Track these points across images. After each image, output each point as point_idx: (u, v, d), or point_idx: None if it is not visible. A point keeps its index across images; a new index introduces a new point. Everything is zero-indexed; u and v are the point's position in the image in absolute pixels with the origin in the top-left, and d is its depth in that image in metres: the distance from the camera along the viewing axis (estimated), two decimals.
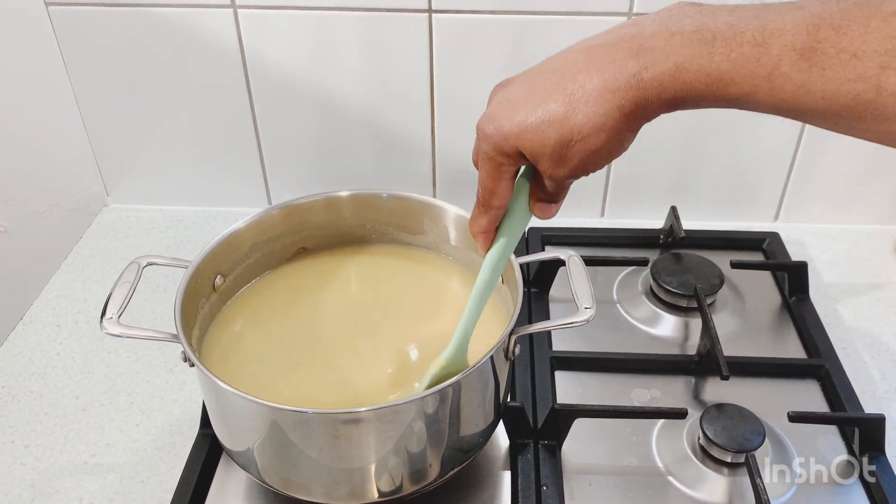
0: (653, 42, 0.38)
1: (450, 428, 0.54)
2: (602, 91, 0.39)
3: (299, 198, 0.67)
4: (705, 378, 0.72)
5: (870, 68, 0.33)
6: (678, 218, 0.86)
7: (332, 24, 0.82)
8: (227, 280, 0.64)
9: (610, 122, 0.39)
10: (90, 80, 0.88)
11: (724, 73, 0.36)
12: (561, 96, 0.40)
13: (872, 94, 0.33)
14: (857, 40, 0.33)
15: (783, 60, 0.35)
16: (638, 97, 0.38)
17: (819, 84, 0.34)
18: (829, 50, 0.34)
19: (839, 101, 0.34)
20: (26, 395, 0.72)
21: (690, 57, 0.37)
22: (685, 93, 0.38)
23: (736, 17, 0.37)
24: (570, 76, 0.40)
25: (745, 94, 0.36)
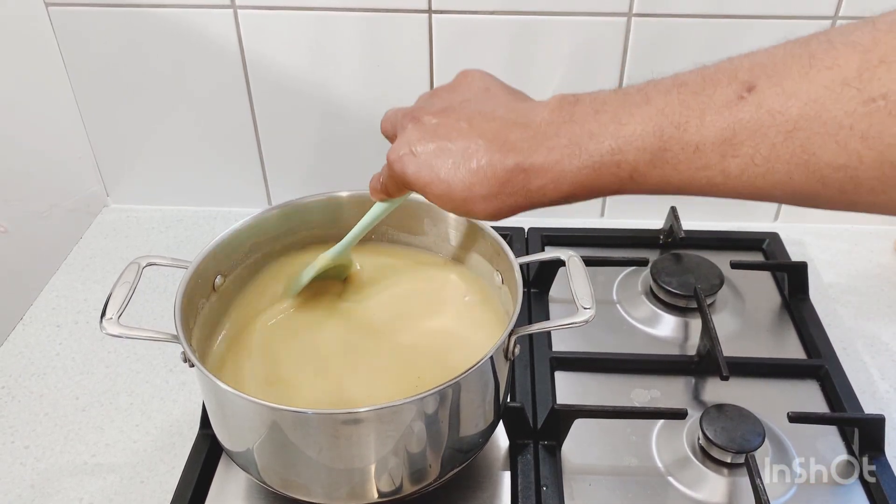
0: (535, 158, 0.43)
1: (450, 428, 0.54)
2: (497, 194, 0.44)
3: (299, 198, 0.67)
4: (705, 378, 0.72)
5: (712, 158, 0.37)
6: (678, 218, 0.86)
7: (332, 24, 0.82)
8: (227, 280, 0.64)
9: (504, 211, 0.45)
10: (90, 80, 0.88)
11: (594, 182, 0.41)
12: (461, 182, 0.45)
13: (720, 178, 0.37)
14: (696, 135, 0.37)
15: (639, 163, 0.39)
16: (527, 202, 0.44)
17: (675, 177, 0.39)
18: (674, 147, 0.38)
19: (696, 186, 0.38)
20: (26, 395, 0.72)
21: (565, 171, 0.42)
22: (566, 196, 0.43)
23: (600, 129, 0.41)
24: (471, 166, 0.45)
25: (617, 191, 0.42)
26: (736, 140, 0.36)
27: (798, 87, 0.34)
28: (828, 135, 0.33)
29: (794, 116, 0.34)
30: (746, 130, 0.35)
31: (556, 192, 0.43)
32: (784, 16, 0.80)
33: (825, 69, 0.33)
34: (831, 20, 0.80)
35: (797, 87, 0.34)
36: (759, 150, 0.35)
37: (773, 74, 0.35)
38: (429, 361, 0.60)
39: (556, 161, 0.42)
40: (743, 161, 0.36)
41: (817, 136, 0.33)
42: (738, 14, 0.80)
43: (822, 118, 0.33)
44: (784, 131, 0.34)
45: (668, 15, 0.80)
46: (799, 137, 0.34)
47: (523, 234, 0.89)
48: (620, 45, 0.82)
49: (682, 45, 0.82)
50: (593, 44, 0.82)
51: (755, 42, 0.84)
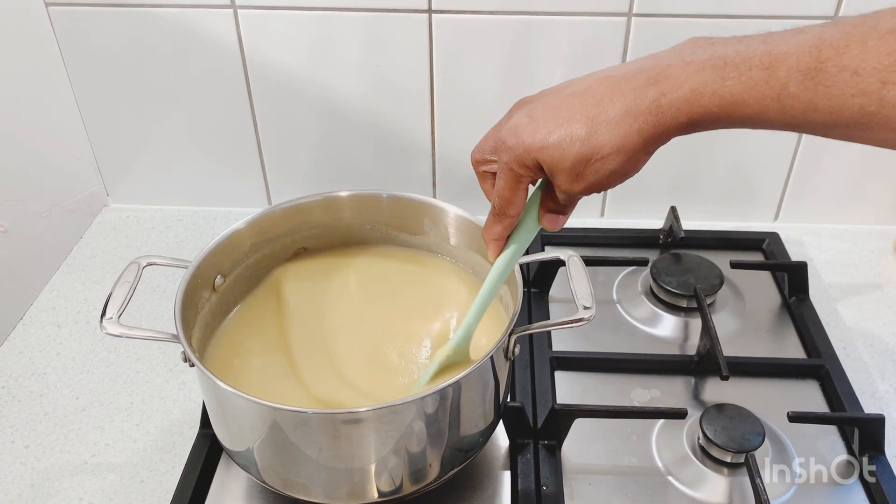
0: (669, 71, 0.41)
1: (450, 428, 0.54)
2: (623, 115, 0.42)
3: (299, 198, 0.67)
4: (705, 378, 0.72)
5: (871, 83, 0.36)
6: (678, 218, 0.86)
7: (331, 24, 0.82)
8: (227, 280, 0.64)
9: (629, 145, 0.42)
10: (90, 80, 0.88)
11: (737, 96, 0.39)
12: (584, 118, 0.43)
13: (875, 106, 0.36)
14: (857, 58, 0.36)
15: (790, 81, 0.38)
16: (657, 122, 0.42)
17: (825, 101, 0.37)
18: (831, 69, 0.37)
19: (845, 115, 0.37)
20: (26, 395, 0.72)
21: (704, 83, 0.40)
22: (701, 116, 0.41)
23: (745, 45, 0.40)
24: (593, 101, 0.43)
25: (757, 114, 0.39)
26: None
27: None
28: None
29: None
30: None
31: (691, 109, 0.40)
32: (784, 16, 0.80)
33: None
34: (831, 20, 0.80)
35: None
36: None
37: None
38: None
39: (694, 71, 0.40)
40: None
41: None
42: (738, 14, 0.80)
43: None
44: None
45: (668, 15, 0.80)
46: None
47: None
48: (620, 45, 0.82)
49: None
50: (593, 44, 0.82)
51: None
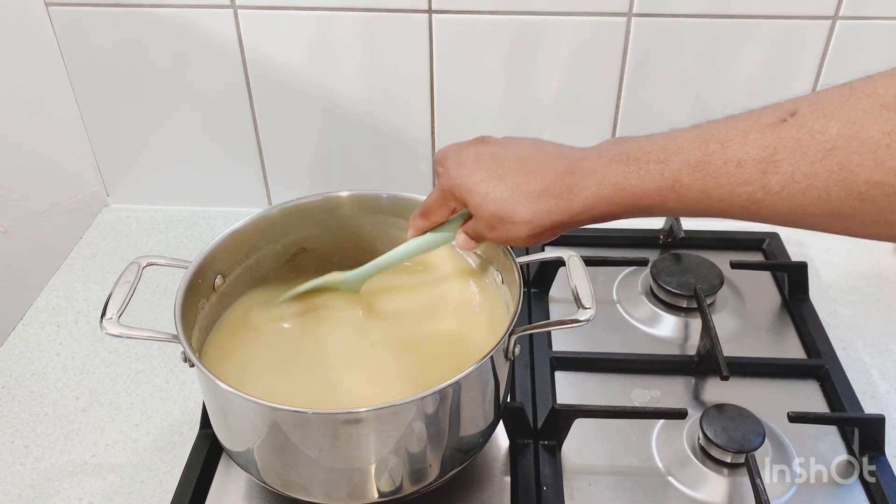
0: (584, 164, 0.47)
1: (450, 428, 0.54)
2: (540, 194, 0.48)
3: (299, 198, 0.66)
4: (705, 378, 0.72)
5: (753, 173, 0.39)
6: (678, 218, 0.86)
7: (332, 24, 0.82)
8: (227, 280, 0.64)
9: (536, 220, 0.48)
10: (90, 80, 0.88)
11: (637, 188, 0.44)
12: (510, 183, 0.49)
13: (761, 194, 0.39)
14: (739, 151, 0.39)
15: (682, 173, 0.42)
16: (567, 207, 0.47)
17: (716, 190, 0.41)
18: (717, 161, 0.40)
19: (736, 202, 0.40)
20: (26, 395, 0.72)
21: (610, 176, 0.45)
22: (605, 205, 0.46)
23: (649, 142, 0.44)
24: (524, 170, 0.49)
25: (657, 204, 0.44)
26: (777, 157, 0.38)
27: (838, 110, 0.36)
28: (866, 153, 0.35)
29: (834, 136, 0.36)
30: (787, 148, 0.38)
31: (598, 200, 0.46)
32: (784, 16, 0.80)
33: (864, 96, 0.35)
34: (831, 20, 0.80)
35: (837, 111, 0.36)
36: (799, 168, 0.37)
37: (815, 102, 0.37)
38: (429, 361, 0.60)
39: (604, 165, 0.45)
40: (783, 178, 0.38)
41: (855, 155, 0.35)
42: (738, 14, 0.80)
43: (861, 137, 0.35)
44: (824, 150, 0.36)
45: (668, 15, 0.80)
46: (837, 156, 0.36)
47: None
48: (620, 45, 0.82)
49: (682, 45, 0.82)
50: (593, 44, 0.82)
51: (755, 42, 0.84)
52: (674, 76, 0.84)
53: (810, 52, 0.82)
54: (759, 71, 0.83)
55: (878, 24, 0.80)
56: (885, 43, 0.81)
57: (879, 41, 0.81)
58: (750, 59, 0.83)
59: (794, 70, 0.83)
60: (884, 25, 0.80)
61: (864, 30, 0.80)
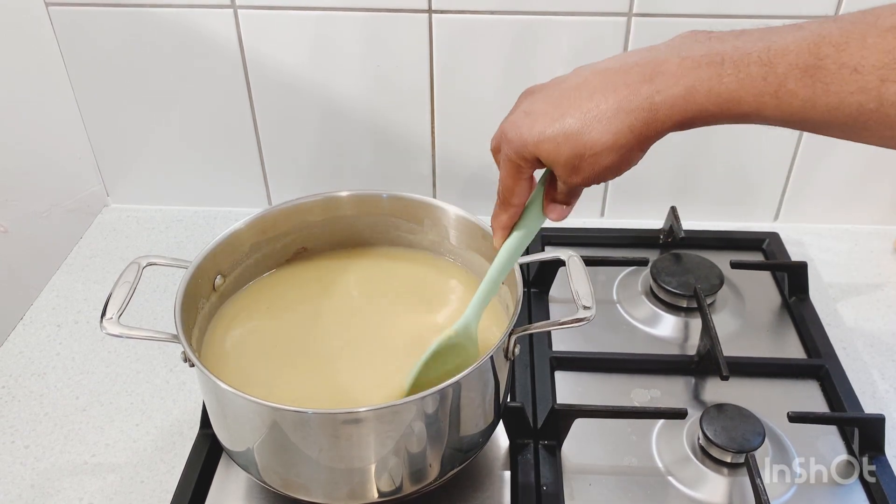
0: (665, 67, 0.41)
1: (450, 428, 0.54)
2: (616, 112, 0.42)
3: (299, 198, 0.67)
4: (705, 378, 0.72)
5: (870, 81, 0.35)
6: (678, 218, 0.86)
7: (332, 24, 0.82)
8: (227, 280, 0.64)
9: (620, 141, 0.43)
10: (90, 80, 0.88)
11: (734, 93, 0.39)
12: (578, 113, 0.43)
13: (874, 104, 0.36)
14: (857, 55, 0.36)
15: (789, 78, 0.37)
16: (649, 118, 0.42)
17: (823, 98, 0.37)
18: (830, 66, 0.36)
19: (844, 112, 0.37)
20: (26, 395, 0.72)
21: (700, 79, 0.40)
22: (697, 113, 0.40)
23: (742, 41, 0.40)
24: (587, 95, 0.43)
25: (754, 111, 0.39)
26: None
27: None
28: None
29: None
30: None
31: (686, 107, 0.40)
32: (784, 16, 0.80)
33: None
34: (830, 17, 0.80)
35: None
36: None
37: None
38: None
39: (691, 67, 0.40)
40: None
41: None
42: (738, 14, 0.80)
43: None
44: None
45: (668, 15, 0.80)
46: None
47: None
48: (620, 45, 0.82)
49: None
50: (593, 44, 0.82)
51: None
52: None
53: None
54: None
55: None
56: None
57: None
58: None
59: None
60: None
61: None
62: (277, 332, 0.63)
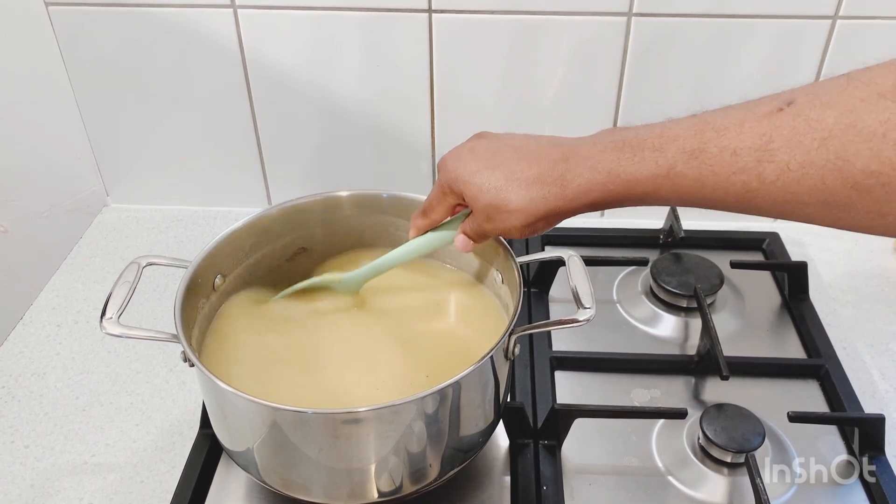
0: (579, 150, 0.47)
1: (450, 428, 0.54)
2: (535, 181, 0.47)
3: (299, 198, 0.66)
4: (705, 378, 0.72)
5: (748, 162, 0.39)
6: (678, 218, 0.86)
7: (332, 24, 0.82)
8: (227, 280, 0.64)
9: (530, 208, 0.48)
10: (90, 80, 0.88)
11: (631, 175, 0.44)
12: (506, 171, 0.49)
13: (756, 183, 0.39)
14: (735, 139, 0.39)
15: (677, 161, 0.41)
16: (559, 194, 0.47)
17: (711, 178, 0.40)
18: (712, 149, 0.40)
19: (731, 192, 0.40)
20: (26, 395, 0.72)
21: (603, 162, 0.45)
22: (601, 194, 0.45)
23: (645, 130, 0.44)
24: (519, 158, 0.49)
25: (650, 192, 0.44)
26: (772, 146, 0.38)
27: (835, 99, 0.36)
28: (862, 142, 0.35)
29: (830, 124, 0.35)
30: (783, 137, 0.37)
31: (591, 187, 0.45)
32: (784, 15, 0.80)
33: (862, 85, 0.35)
34: (831, 20, 0.80)
35: (834, 100, 0.36)
36: (795, 156, 0.37)
37: (812, 91, 0.37)
38: (428, 361, 0.60)
39: (599, 151, 0.45)
40: (778, 167, 0.37)
41: (852, 144, 0.35)
42: (738, 14, 0.80)
43: (857, 126, 0.35)
44: (819, 138, 0.36)
45: (668, 15, 0.80)
46: (834, 144, 0.35)
47: None
48: (620, 45, 0.82)
49: (682, 45, 0.82)
50: (593, 44, 0.82)
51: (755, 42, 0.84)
52: (674, 76, 0.84)
53: (810, 51, 0.82)
54: (759, 71, 0.83)
55: (878, 24, 0.80)
56: (886, 43, 0.81)
57: (879, 41, 0.81)
58: (750, 59, 0.83)
59: (793, 70, 0.83)
60: (884, 25, 0.80)
61: (864, 29, 0.80)
62: (277, 333, 0.63)
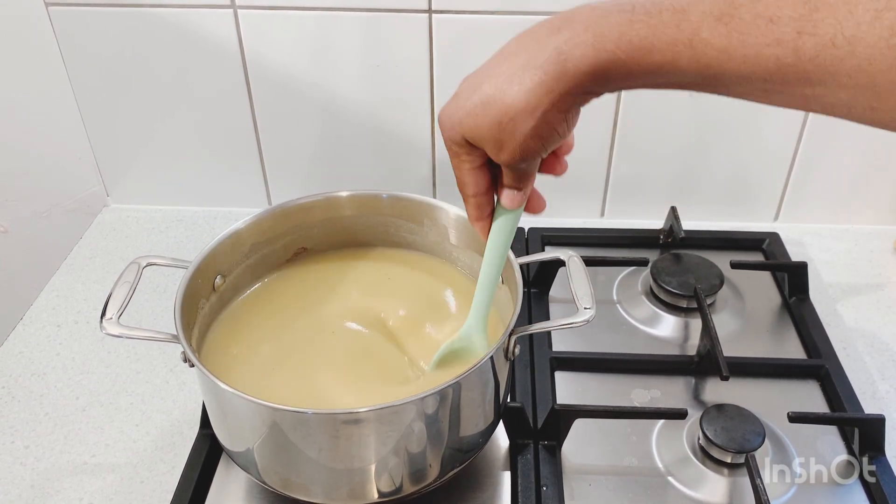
0: (574, 16, 0.39)
1: (450, 428, 0.54)
2: (524, 68, 0.39)
3: (299, 198, 0.67)
4: (705, 378, 0.72)
5: (786, 33, 0.33)
6: (678, 218, 0.86)
7: (332, 24, 0.82)
8: (227, 280, 0.64)
9: (533, 101, 0.40)
10: (90, 80, 0.88)
11: (645, 41, 0.37)
12: (491, 79, 0.41)
13: (791, 58, 0.34)
14: (773, 6, 0.34)
15: (703, 26, 0.35)
16: (559, 71, 0.39)
17: (739, 49, 0.35)
18: (745, 15, 0.34)
19: (761, 65, 0.35)
20: (26, 395, 0.72)
21: (610, 25, 0.37)
22: (607, 63, 0.38)
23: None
24: (502, 60, 0.41)
25: (668, 62, 0.37)
26: (817, 16, 0.33)
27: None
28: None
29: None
30: (830, 6, 0.32)
31: (596, 55, 0.38)
32: None
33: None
34: None
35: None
36: (843, 30, 0.32)
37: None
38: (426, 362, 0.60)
39: (601, 15, 0.38)
40: (821, 41, 0.33)
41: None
42: None
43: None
44: (874, 9, 0.31)
45: None
46: (890, 17, 0.31)
47: (523, 234, 0.89)
48: None
49: None
50: None
51: None
52: None
53: None
54: None
55: None
56: None
57: None
58: None
59: None
60: None
61: None
62: (277, 333, 0.63)
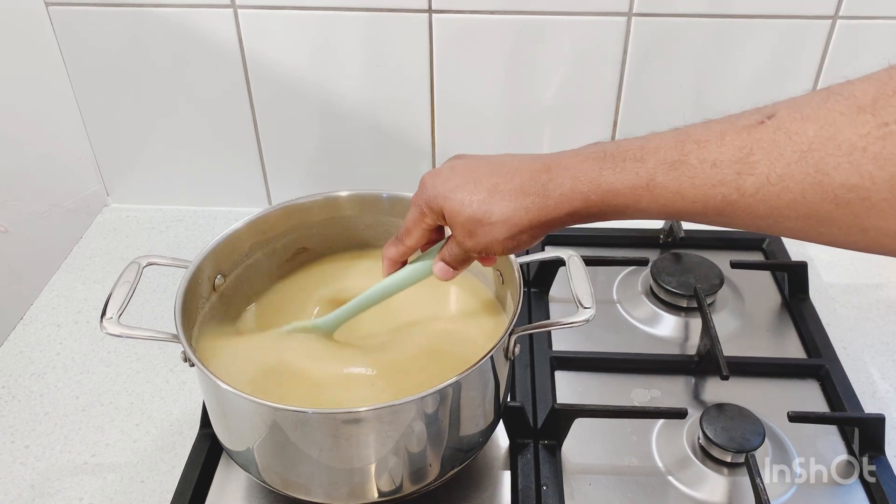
0: (560, 160, 0.47)
1: (450, 428, 0.54)
2: (517, 192, 0.47)
3: (299, 198, 0.67)
4: (705, 378, 0.72)
5: (728, 174, 0.39)
6: None
7: (332, 24, 0.82)
8: (227, 280, 0.64)
9: (514, 219, 0.47)
10: (90, 80, 0.88)
11: (612, 185, 0.44)
12: (487, 185, 0.48)
13: (736, 195, 0.39)
14: (715, 151, 0.39)
15: (657, 172, 0.42)
16: (542, 204, 0.47)
17: (690, 190, 0.40)
18: (693, 161, 0.40)
19: (710, 203, 0.40)
20: (26, 395, 0.72)
21: (585, 171, 0.45)
22: (581, 204, 0.45)
23: (627, 143, 0.44)
24: (500, 173, 0.49)
25: (632, 203, 0.43)
26: (752, 158, 0.37)
27: (815, 112, 0.36)
28: (841, 155, 0.34)
29: (810, 137, 0.35)
30: (763, 150, 0.37)
31: (573, 196, 0.45)
32: (784, 15, 0.80)
33: (842, 99, 0.35)
34: (831, 20, 0.80)
35: (814, 113, 0.36)
36: (775, 169, 0.37)
37: (793, 105, 0.37)
38: (429, 361, 0.60)
39: (579, 162, 0.45)
40: (758, 179, 0.37)
41: (831, 157, 0.35)
42: (738, 14, 0.80)
43: (837, 140, 0.34)
44: (799, 151, 0.36)
45: (668, 15, 0.80)
46: (813, 157, 0.35)
47: None
48: (620, 45, 0.82)
49: (682, 45, 0.82)
50: (593, 44, 0.82)
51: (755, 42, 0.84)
52: (674, 76, 0.84)
53: (810, 52, 0.82)
54: (759, 71, 0.83)
55: (878, 24, 0.80)
56: (886, 43, 0.81)
57: (879, 41, 0.81)
58: (750, 59, 0.83)
59: (794, 70, 0.83)
60: (884, 25, 0.80)
61: (864, 29, 0.80)
62: (277, 332, 0.63)
